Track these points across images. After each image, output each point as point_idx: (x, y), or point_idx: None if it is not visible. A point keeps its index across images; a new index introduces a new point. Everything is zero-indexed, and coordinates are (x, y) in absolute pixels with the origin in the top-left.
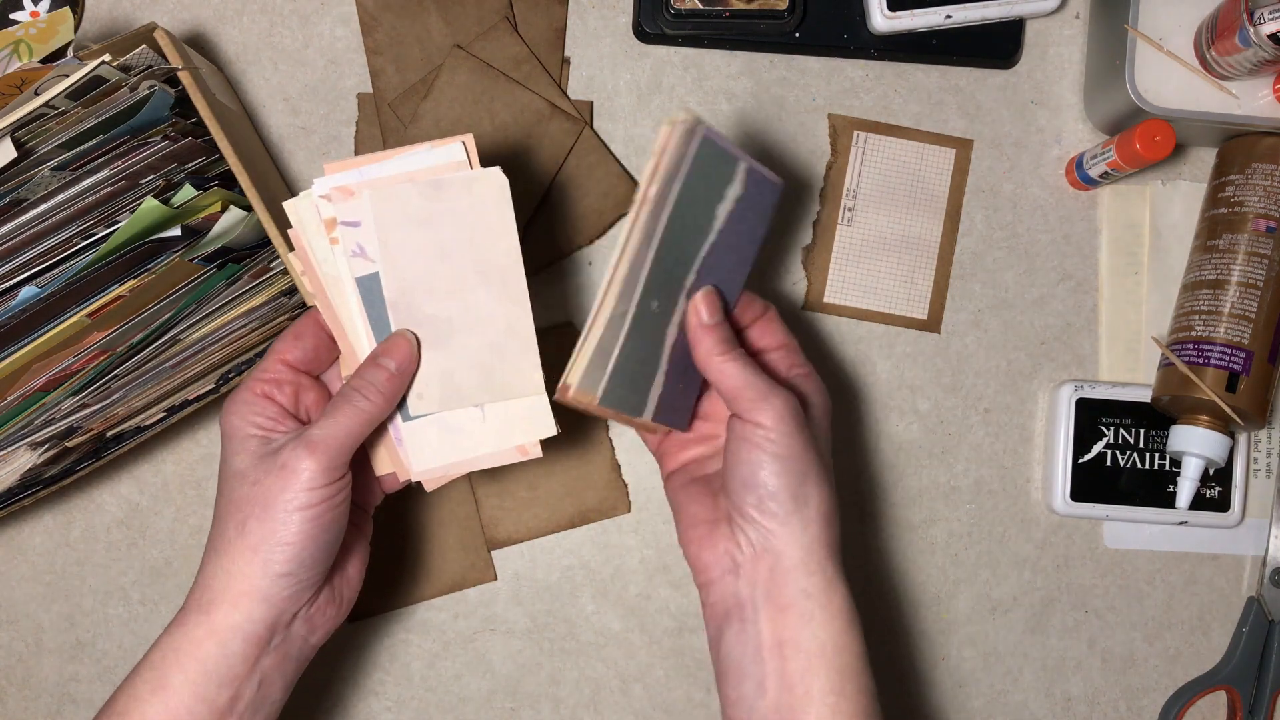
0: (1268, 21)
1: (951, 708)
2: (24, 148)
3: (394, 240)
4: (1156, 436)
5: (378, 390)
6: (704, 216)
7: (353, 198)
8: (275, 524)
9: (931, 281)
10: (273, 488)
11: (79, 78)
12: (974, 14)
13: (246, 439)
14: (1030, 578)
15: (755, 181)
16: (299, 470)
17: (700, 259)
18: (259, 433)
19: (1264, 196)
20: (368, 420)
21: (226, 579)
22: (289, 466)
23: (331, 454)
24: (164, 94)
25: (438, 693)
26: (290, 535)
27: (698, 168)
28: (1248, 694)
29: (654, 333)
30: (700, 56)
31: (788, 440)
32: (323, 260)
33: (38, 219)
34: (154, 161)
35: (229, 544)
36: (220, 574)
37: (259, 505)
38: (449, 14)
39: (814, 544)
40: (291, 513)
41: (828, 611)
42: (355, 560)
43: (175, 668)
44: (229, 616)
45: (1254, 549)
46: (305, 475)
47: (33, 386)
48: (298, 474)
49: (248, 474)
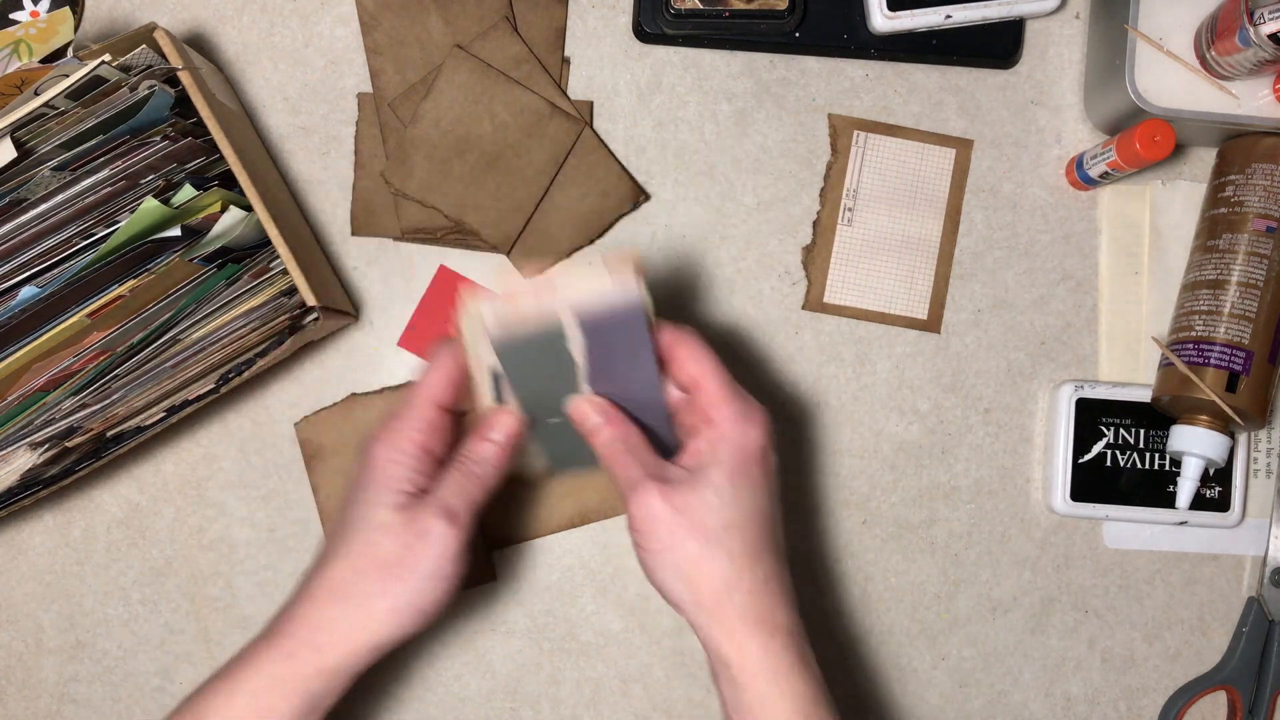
0: (1268, 21)
1: (951, 708)
2: (24, 147)
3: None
4: (1156, 436)
5: (494, 465)
6: (555, 363)
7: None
8: (419, 591)
9: (931, 281)
10: (422, 554)
11: (79, 78)
12: (974, 14)
13: (396, 491)
14: (1030, 578)
15: (595, 322)
16: (447, 541)
17: (585, 382)
18: (409, 487)
19: (1264, 196)
20: (487, 488)
21: (351, 629)
22: (435, 535)
23: (469, 528)
24: (164, 94)
25: (438, 692)
26: (427, 603)
27: (510, 353)
28: (1248, 694)
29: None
30: (700, 56)
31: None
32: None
33: (38, 219)
34: (154, 161)
35: (365, 597)
36: (344, 622)
37: (406, 569)
38: (449, 14)
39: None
40: (436, 581)
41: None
42: None
43: (281, 699)
44: (346, 661)
45: (1254, 549)
46: (452, 548)
47: (33, 386)
48: (446, 545)
49: (395, 531)
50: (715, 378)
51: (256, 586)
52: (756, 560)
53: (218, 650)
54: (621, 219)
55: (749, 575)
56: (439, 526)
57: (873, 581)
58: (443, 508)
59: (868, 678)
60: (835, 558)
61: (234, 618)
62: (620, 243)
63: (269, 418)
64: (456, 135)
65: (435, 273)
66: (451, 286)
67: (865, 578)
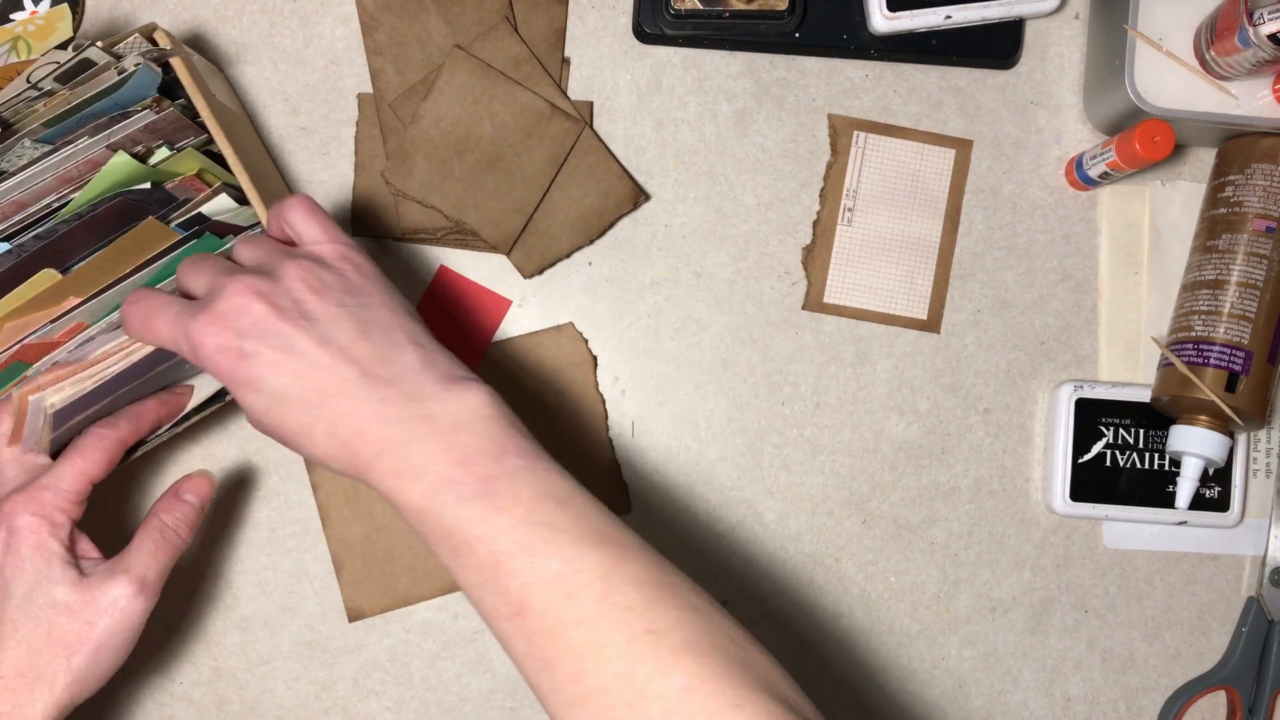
0: (1267, 22)
1: (951, 708)
2: (9, 126)
3: None
4: (1156, 436)
5: (188, 525)
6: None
7: None
8: (103, 663)
9: (931, 281)
10: (108, 628)
11: (68, 59)
12: (974, 14)
13: (64, 566)
14: (1030, 577)
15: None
16: (134, 612)
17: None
18: (72, 558)
19: (1263, 196)
20: (178, 553)
21: (33, 712)
22: (122, 608)
23: (156, 592)
24: (149, 70)
25: (438, 692)
26: (109, 670)
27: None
28: (1247, 694)
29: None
30: (700, 57)
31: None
32: None
33: (17, 188)
34: (135, 133)
35: (50, 675)
36: (27, 706)
37: (91, 644)
38: (449, 14)
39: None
40: (121, 650)
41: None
42: None
43: None
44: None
45: (1253, 549)
46: (138, 618)
47: (9, 353)
48: (133, 615)
49: (76, 610)
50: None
51: (256, 586)
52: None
53: (218, 650)
54: (621, 219)
55: (312, 444)
56: (126, 599)
57: (873, 581)
58: (134, 579)
59: (868, 678)
60: (835, 558)
61: (234, 618)
62: (620, 243)
63: None
64: (456, 135)
65: (435, 273)
66: (451, 286)
67: (865, 578)
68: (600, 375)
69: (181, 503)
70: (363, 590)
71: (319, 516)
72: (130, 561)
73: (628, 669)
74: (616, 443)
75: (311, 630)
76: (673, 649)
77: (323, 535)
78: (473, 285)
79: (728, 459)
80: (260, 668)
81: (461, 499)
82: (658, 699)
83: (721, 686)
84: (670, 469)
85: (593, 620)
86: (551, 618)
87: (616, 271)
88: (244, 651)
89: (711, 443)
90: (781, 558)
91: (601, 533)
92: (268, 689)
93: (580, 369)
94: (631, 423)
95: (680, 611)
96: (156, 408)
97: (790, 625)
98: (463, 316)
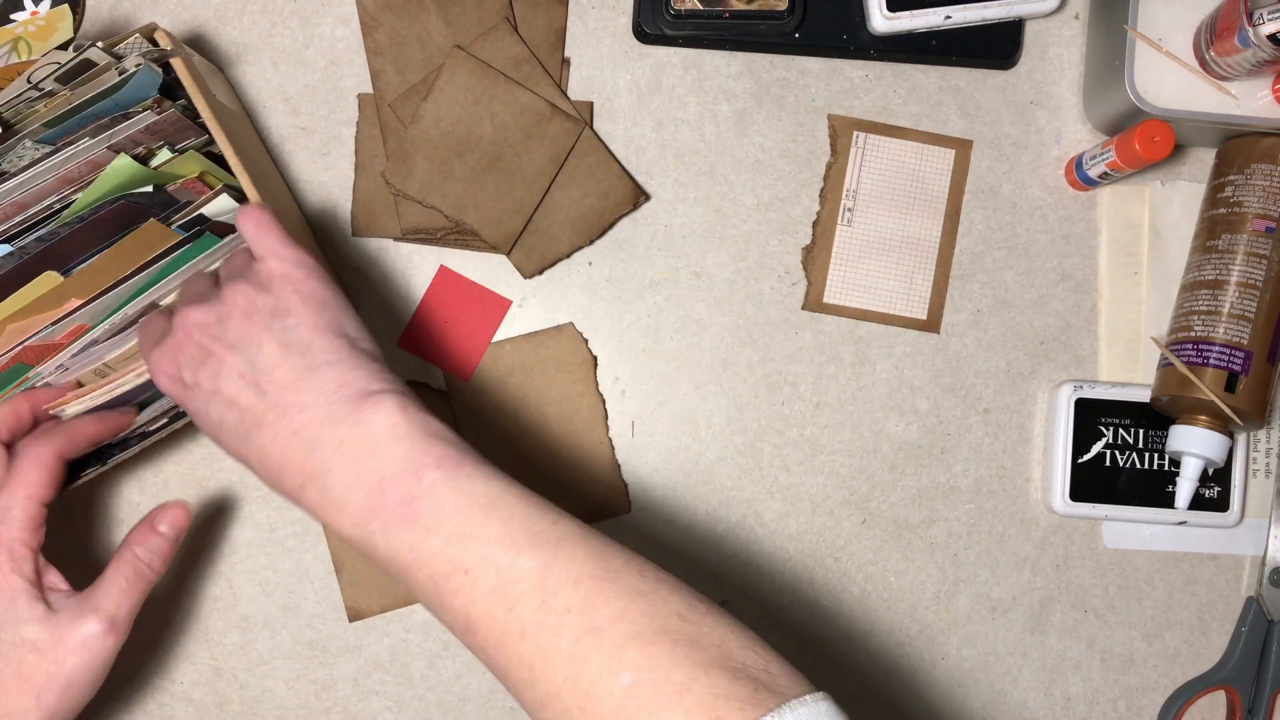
0: (1267, 22)
1: (951, 708)
2: (9, 127)
3: None
4: (1156, 436)
5: (161, 559)
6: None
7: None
8: (73, 699)
9: (931, 281)
10: (77, 667)
11: (69, 60)
12: (973, 14)
13: (30, 601)
14: (1029, 577)
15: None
16: (103, 650)
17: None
18: (38, 593)
19: (1263, 197)
20: (149, 588)
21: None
22: (92, 647)
23: (126, 630)
24: (149, 71)
25: (438, 692)
26: (82, 703)
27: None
28: (1247, 693)
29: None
30: (700, 57)
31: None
32: None
33: (18, 188)
34: (136, 134)
35: (20, 713)
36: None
37: (60, 683)
38: (449, 14)
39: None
40: (90, 687)
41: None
42: None
43: None
44: None
45: (1253, 549)
46: (108, 656)
47: (10, 355)
48: (103, 654)
49: (45, 649)
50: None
51: (257, 586)
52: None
53: (218, 650)
54: (621, 219)
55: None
56: (96, 638)
57: (872, 581)
58: (104, 617)
59: (867, 677)
60: (835, 558)
61: (234, 618)
62: (620, 243)
63: None
64: (457, 136)
65: (435, 273)
66: (451, 287)
67: (865, 577)
68: (600, 375)
69: (156, 534)
70: (363, 590)
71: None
72: (101, 598)
73: (574, 673)
74: (616, 443)
75: (311, 630)
76: (616, 644)
77: (323, 535)
78: (473, 285)
79: (728, 459)
80: (260, 668)
81: (387, 526)
82: (607, 698)
83: (668, 673)
84: (670, 469)
85: (534, 629)
86: (497, 631)
87: (616, 271)
88: (244, 651)
89: (711, 443)
90: (781, 558)
91: (534, 533)
92: (268, 689)
93: (580, 369)
94: (631, 423)
95: (623, 601)
96: (95, 423)
97: (790, 625)
98: (463, 316)
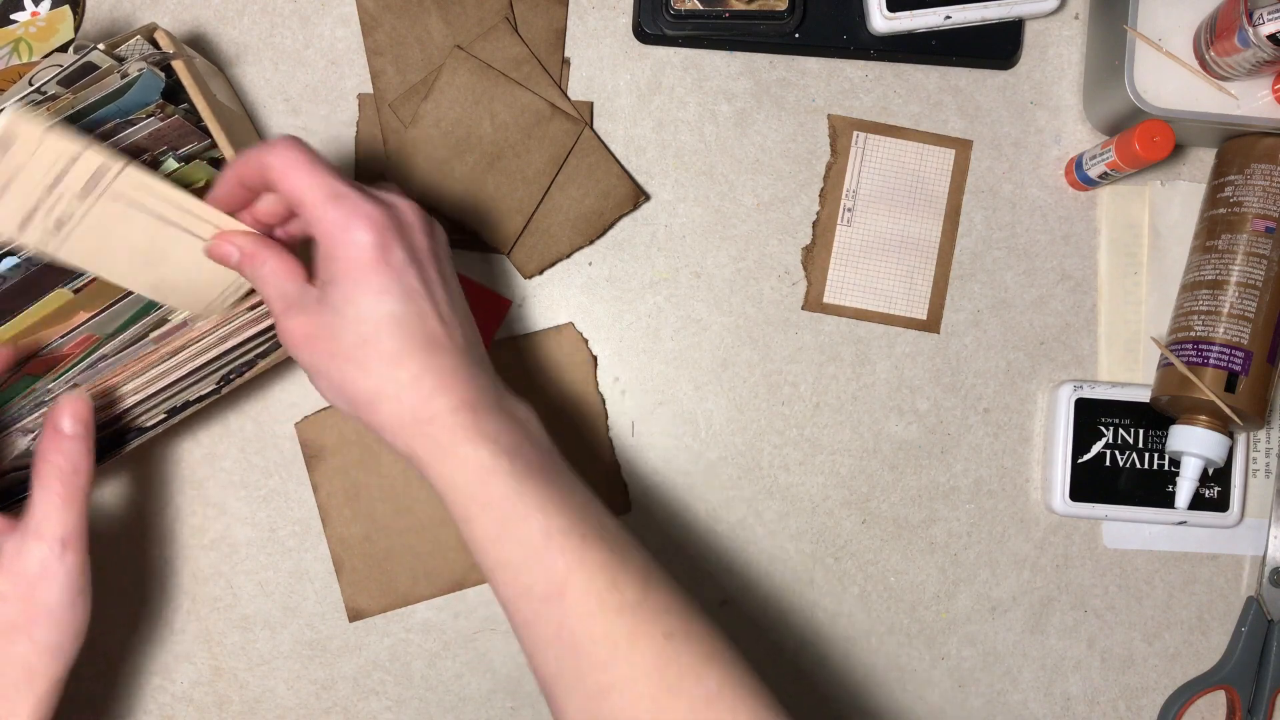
0: (1267, 22)
1: (951, 708)
2: None
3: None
4: (1156, 436)
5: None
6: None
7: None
8: (67, 623)
9: (931, 281)
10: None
11: (71, 64)
12: (973, 14)
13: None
14: (1029, 577)
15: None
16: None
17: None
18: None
19: (1263, 197)
20: (87, 491)
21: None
22: (53, 571)
23: (82, 539)
24: (153, 76)
25: (438, 692)
26: (80, 621)
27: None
28: (1247, 693)
29: None
30: (700, 57)
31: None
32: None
33: None
34: (140, 140)
35: (20, 658)
36: (12, 687)
37: (41, 614)
38: (449, 14)
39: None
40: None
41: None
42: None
43: None
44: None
45: (1253, 549)
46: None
47: (20, 369)
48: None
49: (8, 595)
50: (310, 190)
51: (257, 586)
52: (397, 364)
53: (218, 650)
54: (621, 219)
55: (391, 383)
56: (53, 561)
57: (872, 581)
58: (51, 539)
59: (867, 677)
60: (835, 558)
61: (234, 618)
62: (620, 243)
63: (270, 418)
64: (457, 136)
65: None
66: None
67: (865, 577)
68: (600, 375)
69: (64, 437)
70: (363, 590)
71: (319, 516)
72: (39, 523)
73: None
74: (616, 443)
75: (311, 630)
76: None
77: (323, 535)
78: (473, 285)
79: (728, 459)
80: (260, 668)
81: (527, 470)
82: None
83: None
84: (670, 469)
85: (632, 609)
86: (594, 601)
87: (616, 271)
88: (244, 651)
89: (711, 443)
90: (781, 558)
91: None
92: (268, 689)
93: (580, 369)
94: (631, 423)
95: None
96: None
97: (790, 625)
98: None
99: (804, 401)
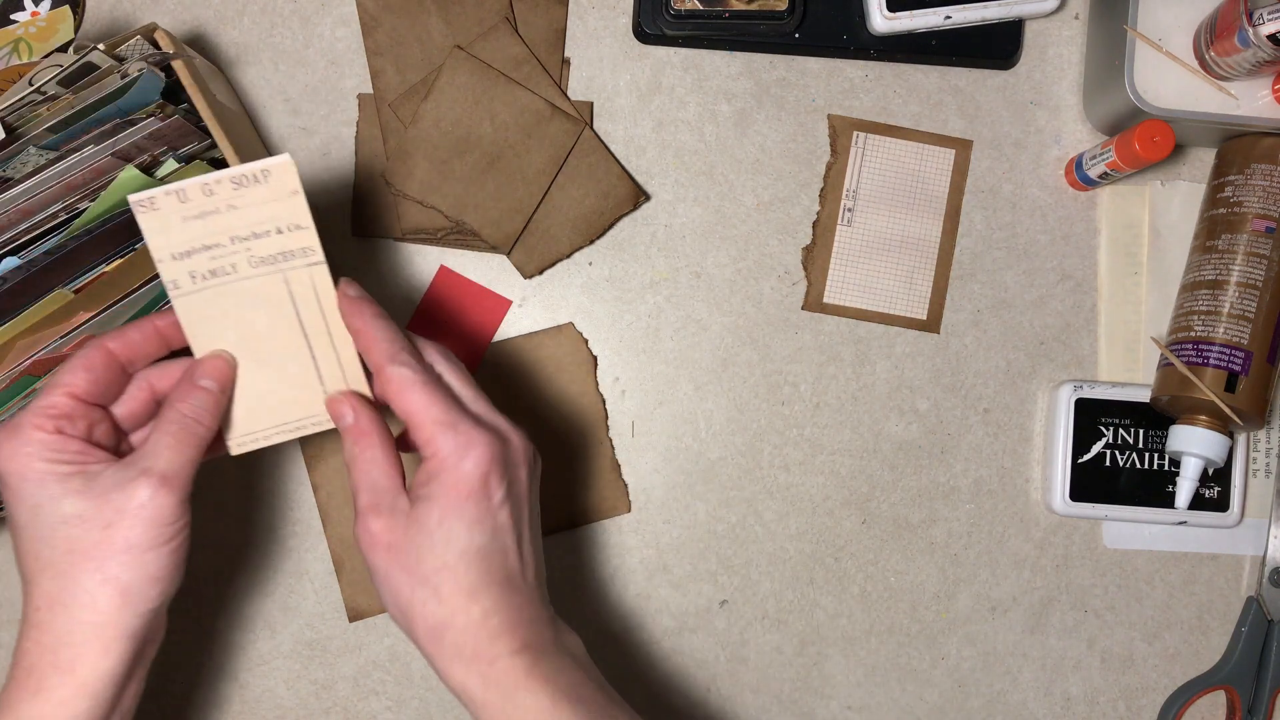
0: (1267, 22)
1: (951, 708)
2: (13, 131)
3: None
4: (1156, 436)
5: (210, 414)
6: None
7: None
8: (145, 565)
9: (931, 282)
10: (134, 528)
11: (71, 64)
12: (973, 15)
13: (63, 478)
14: (1029, 577)
15: None
16: (161, 508)
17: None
18: (72, 470)
19: (1263, 197)
20: (203, 444)
21: (87, 635)
22: (145, 505)
23: (184, 485)
24: (153, 76)
25: (438, 692)
26: (161, 570)
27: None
28: (1247, 693)
29: None
30: (700, 57)
31: (388, 574)
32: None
33: (23, 196)
34: (140, 141)
35: (87, 596)
36: (78, 630)
37: (119, 549)
38: (449, 15)
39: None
40: (160, 549)
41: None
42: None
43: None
44: (99, 664)
45: (1253, 549)
46: (169, 511)
47: (19, 369)
48: (160, 511)
49: (89, 518)
50: (427, 410)
51: (257, 586)
52: (472, 598)
53: (218, 650)
54: (621, 219)
55: (462, 615)
56: (145, 494)
57: (872, 581)
58: (153, 475)
59: (867, 677)
60: (835, 558)
61: (234, 618)
62: (620, 243)
63: None
64: (457, 136)
65: (435, 273)
66: (452, 287)
67: (865, 577)
68: (600, 375)
69: (198, 389)
70: (363, 590)
71: (319, 516)
72: (147, 458)
73: None
74: (616, 443)
75: (311, 630)
76: None
77: (323, 535)
78: (473, 285)
79: (728, 459)
80: (260, 667)
81: (586, 713)
82: None
83: None
84: (670, 469)
85: None
86: None
87: (616, 271)
88: (244, 651)
89: (711, 443)
90: (781, 558)
91: None
92: (268, 689)
93: (580, 369)
94: (631, 423)
95: None
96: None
97: (790, 625)
98: (463, 317)
99: (804, 401)
